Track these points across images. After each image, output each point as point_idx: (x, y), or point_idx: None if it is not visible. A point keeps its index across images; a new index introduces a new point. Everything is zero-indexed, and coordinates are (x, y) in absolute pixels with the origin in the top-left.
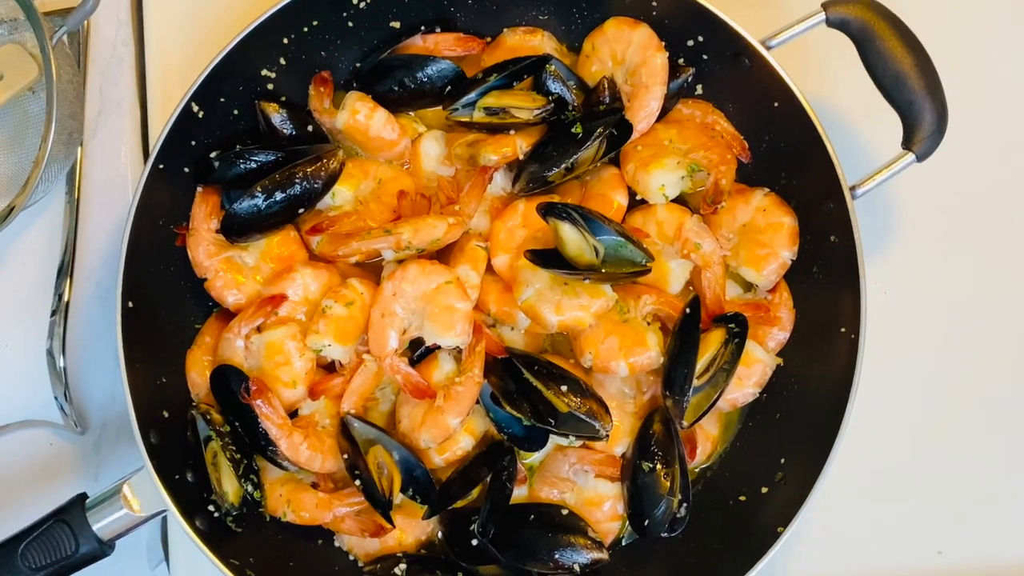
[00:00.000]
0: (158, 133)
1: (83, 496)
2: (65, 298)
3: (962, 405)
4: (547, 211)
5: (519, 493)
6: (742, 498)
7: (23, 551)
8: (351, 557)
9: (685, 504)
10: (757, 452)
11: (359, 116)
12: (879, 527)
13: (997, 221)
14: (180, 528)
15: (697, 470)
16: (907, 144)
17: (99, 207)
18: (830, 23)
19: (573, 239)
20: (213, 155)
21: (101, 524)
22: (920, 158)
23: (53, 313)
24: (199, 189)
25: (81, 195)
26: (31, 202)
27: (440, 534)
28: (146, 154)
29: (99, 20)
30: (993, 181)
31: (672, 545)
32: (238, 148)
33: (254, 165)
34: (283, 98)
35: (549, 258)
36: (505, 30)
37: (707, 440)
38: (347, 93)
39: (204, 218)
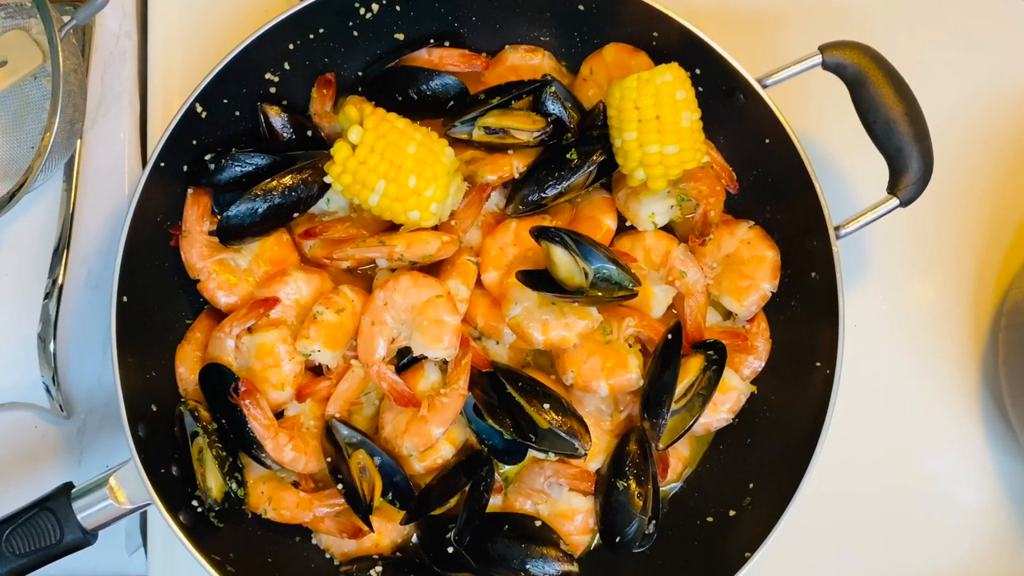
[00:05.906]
0: (158, 128)
1: (69, 485)
2: (59, 283)
3: (927, 437)
4: (540, 234)
5: (494, 502)
6: (710, 519)
7: (8, 537)
8: (328, 555)
9: (655, 521)
10: (726, 475)
11: None
12: (846, 555)
13: (969, 263)
14: (161, 520)
15: (668, 491)
16: (892, 189)
17: (95, 196)
18: (826, 66)
19: (564, 262)
20: (208, 156)
21: (86, 514)
22: (904, 203)
23: (46, 297)
24: (190, 191)
25: (78, 183)
26: (30, 189)
27: (415, 538)
28: (144, 147)
29: (104, 11)
30: (970, 226)
31: (639, 560)
32: (233, 150)
33: (250, 168)
34: (285, 102)
35: (540, 280)
36: (507, 47)
37: (678, 460)
38: (347, 97)
39: (196, 220)
